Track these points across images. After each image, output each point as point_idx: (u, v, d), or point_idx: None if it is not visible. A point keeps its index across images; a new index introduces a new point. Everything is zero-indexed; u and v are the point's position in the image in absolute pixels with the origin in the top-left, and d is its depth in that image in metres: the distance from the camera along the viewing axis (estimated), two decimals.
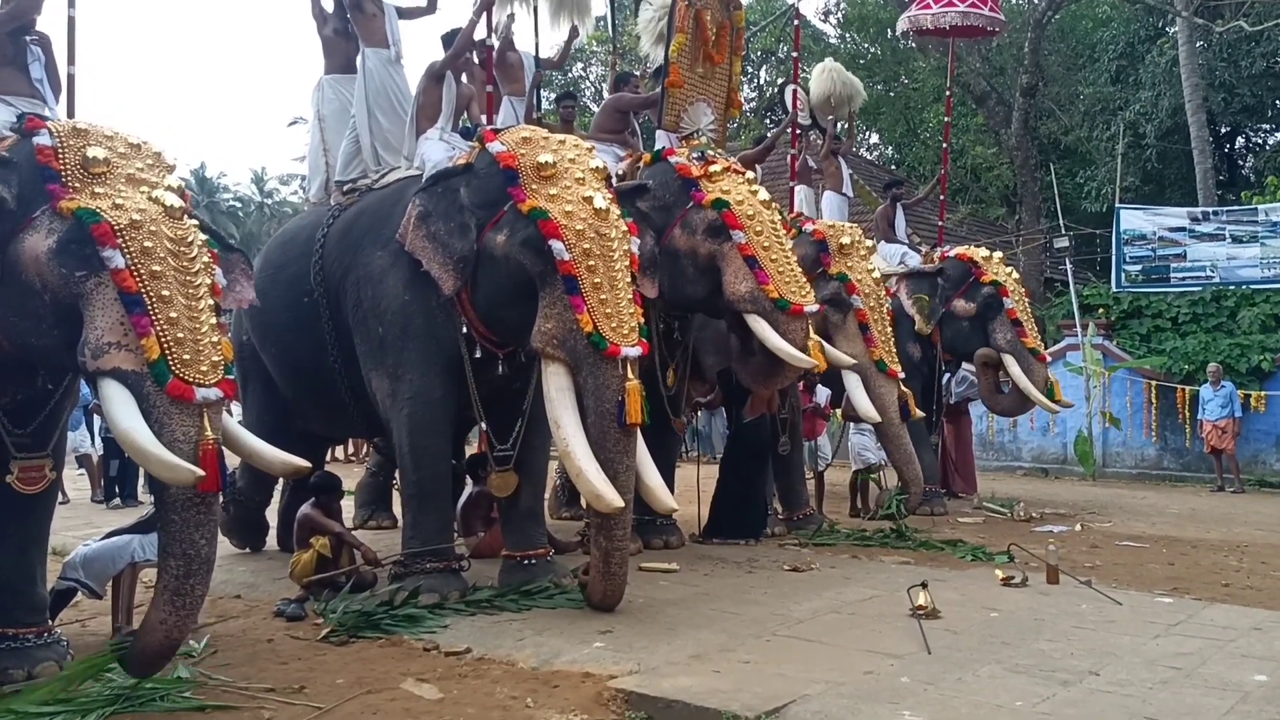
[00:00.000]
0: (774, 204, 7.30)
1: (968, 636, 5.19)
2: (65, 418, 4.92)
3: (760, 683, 4.40)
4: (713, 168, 7.10)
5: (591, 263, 5.49)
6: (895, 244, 10.91)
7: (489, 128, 6.26)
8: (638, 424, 5.43)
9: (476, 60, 7.41)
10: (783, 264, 6.94)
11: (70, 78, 5.15)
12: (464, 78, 7.09)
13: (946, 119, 12.81)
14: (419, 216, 5.86)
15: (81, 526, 7.41)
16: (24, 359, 4.47)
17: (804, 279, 7.10)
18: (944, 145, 12.62)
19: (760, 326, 6.83)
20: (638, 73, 9.89)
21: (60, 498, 5.09)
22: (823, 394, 9.84)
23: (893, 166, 23.85)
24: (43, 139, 4.29)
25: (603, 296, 5.47)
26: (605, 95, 9.64)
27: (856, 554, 7.71)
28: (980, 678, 4.51)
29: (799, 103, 10.50)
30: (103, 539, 5.57)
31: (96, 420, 10.70)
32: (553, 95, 9.57)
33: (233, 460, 4.55)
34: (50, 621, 4.97)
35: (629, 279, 5.65)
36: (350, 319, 6.39)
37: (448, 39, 7.31)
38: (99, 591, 5.47)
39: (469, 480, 7.57)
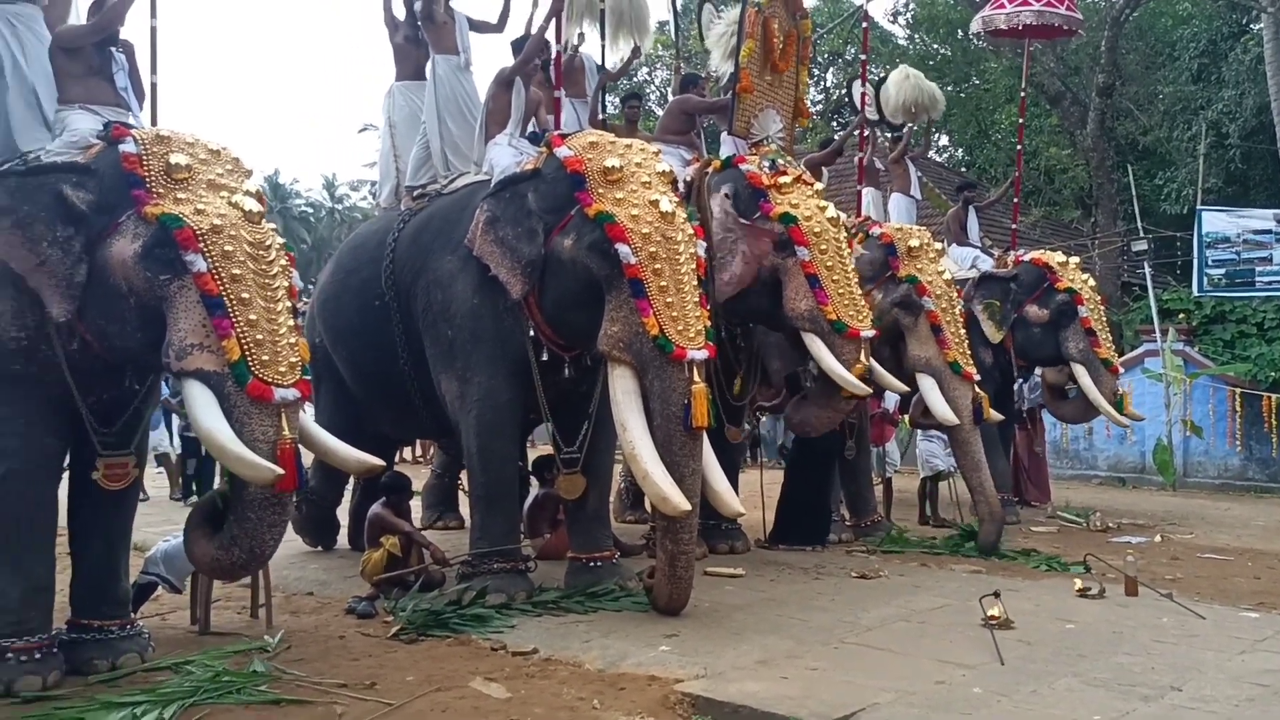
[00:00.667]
0: (841, 221, 7.25)
1: (1042, 648, 5.08)
2: (148, 417, 5.05)
3: (828, 690, 4.35)
4: (783, 178, 7.06)
5: (658, 266, 5.49)
6: (967, 247, 10.73)
7: (556, 133, 6.30)
8: (704, 427, 5.41)
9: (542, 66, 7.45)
10: (843, 285, 6.92)
11: (153, 86, 5.28)
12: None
13: (1020, 120, 12.54)
14: (487, 221, 5.92)
15: (161, 523, 7.61)
16: (111, 360, 4.61)
17: (863, 303, 7.07)
18: (1018, 147, 12.36)
19: (816, 347, 6.80)
20: (703, 75, 9.87)
21: (140, 495, 5.27)
22: (891, 399, 9.70)
23: (963, 169, 23.46)
24: (128, 146, 4.44)
25: (669, 300, 5.47)
26: (670, 98, 9.61)
27: (926, 562, 7.60)
28: (1056, 690, 4.41)
29: (867, 101, 10.37)
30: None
31: (175, 419, 10.98)
32: (617, 97, 9.57)
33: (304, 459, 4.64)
34: (133, 614, 5.12)
35: (695, 282, 5.64)
36: (420, 322, 6.47)
37: (517, 45, 7.38)
38: (179, 586, 5.63)
39: (534, 482, 7.62)
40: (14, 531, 4.56)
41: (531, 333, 6.02)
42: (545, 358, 6.08)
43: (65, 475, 4.99)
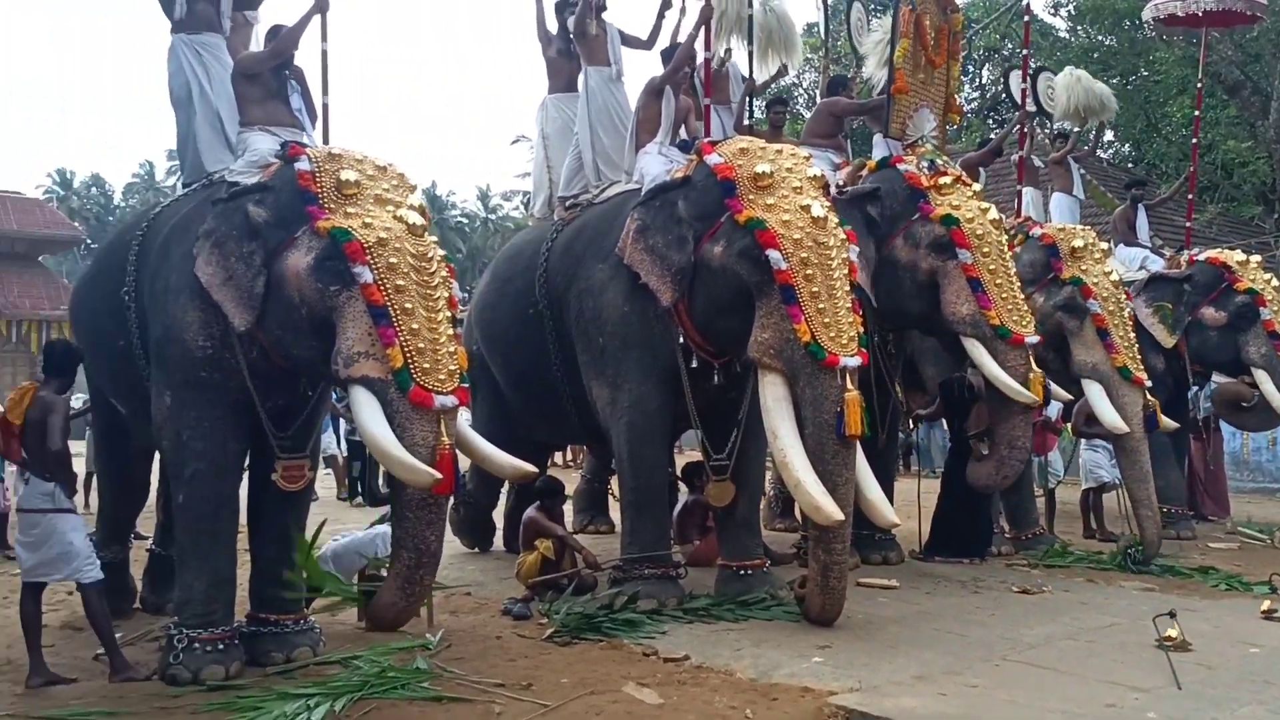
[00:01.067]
0: (1002, 223, 7.02)
1: (1224, 672, 4.78)
2: (320, 421, 5.31)
3: (991, 709, 4.21)
4: (942, 179, 6.89)
5: (809, 271, 5.44)
6: (1135, 247, 10.21)
7: (706, 140, 6.31)
8: (857, 435, 5.33)
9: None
10: (1007, 290, 6.72)
11: (325, 107, 5.55)
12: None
13: (1196, 112, 11.79)
14: (638, 230, 5.97)
15: (329, 523, 7.95)
16: (286, 367, 4.87)
17: (1027, 309, 6.84)
18: (1193, 140, 11.66)
19: (978, 352, 6.60)
20: (851, 75, 9.70)
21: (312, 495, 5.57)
22: (1054, 407, 9.30)
23: (1130, 165, 22.32)
24: (303, 164, 4.70)
25: (821, 305, 5.41)
26: (818, 101, 9.48)
27: (1092, 578, 7.26)
28: (1239, 718, 4.14)
29: (1026, 95, 9.97)
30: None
31: (341, 424, 11.52)
32: (762, 102, 9.49)
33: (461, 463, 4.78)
34: (305, 610, 5.37)
35: (848, 288, 5.57)
36: (572, 330, 6.58)
37: (666, 55, 7.43)
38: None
39: (682, 488, 7.64)
40: (201, 528, 4.88)
41: (681, 340, 6.05)
42: (695, 364, 6.10)
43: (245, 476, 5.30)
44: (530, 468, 4.95)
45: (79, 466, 6.42)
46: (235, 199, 4.77)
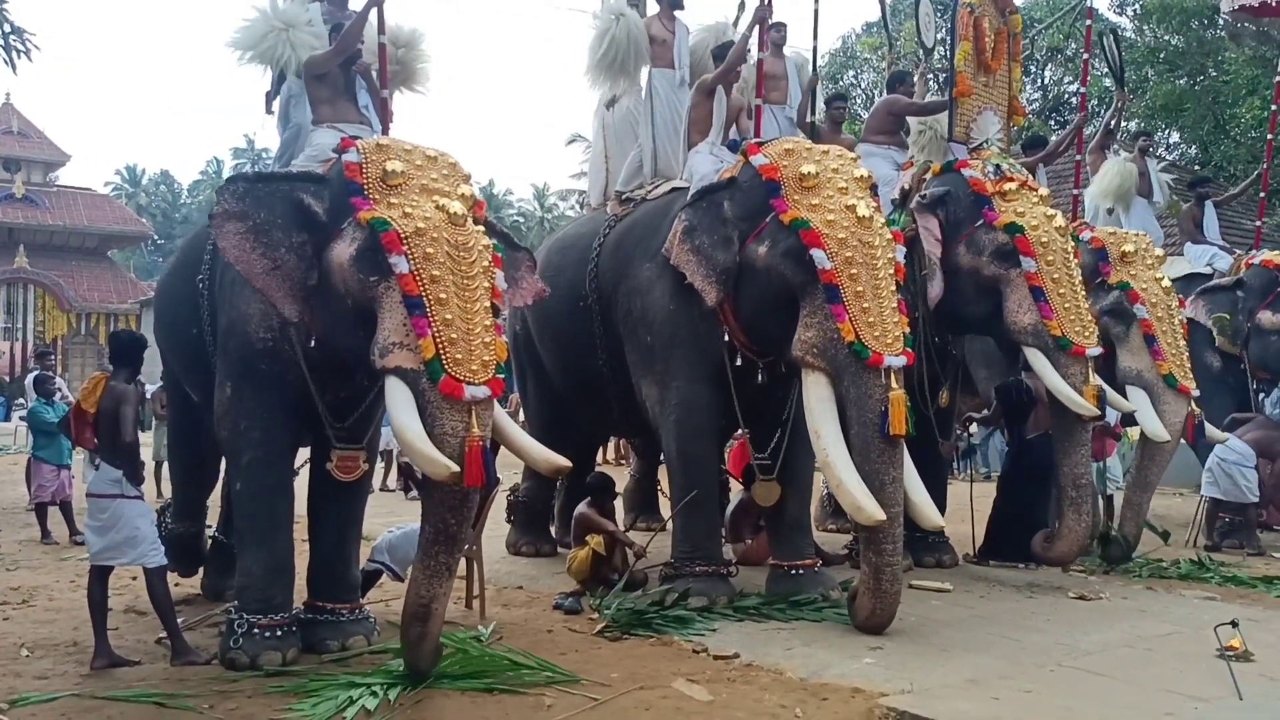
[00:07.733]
0: (1068, 230, 6.90)
1: None
2: (379, 414, 5.35)
3: (1044, 714, 4.16)
4: (1007, 185, 6.78)
5: (854, 271, 5.42)
6: (1203, 244, 9.99)
7: (753, 140, 6.31)
8: (902, 435, 5.28)
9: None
10: (1070, 299, 6.56)
11: (383, 101, 5.61)
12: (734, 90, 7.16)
13: (1275, 106, 11.37)
14: (684, 231, 5.98)
15: (385, 515, 8.08)
16: (339, 359, 4.89)
17: (1090, 320, 6.70)
18: (1268, 137, 11.29)
19: (1039, 362, 6.49)
20: (915, 74, 9.60)
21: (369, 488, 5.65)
22: (1113, 413, 9.13)
23: (1196, 167, 21.85)
24: (350, 156, 4.68)
25: (865, 305, 5.38)
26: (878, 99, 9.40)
27: (1152, 585, 7.11)
28: None
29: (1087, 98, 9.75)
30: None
31: None
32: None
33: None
34: (361, 599, 5.47)
35: (894, 287, 5.54)
36: (621, 328, 6.62)
37: (719, 54, 7.41)
38: (401, 575, 5.94)
39: (735, 486, 7.63)
40: (258, 515, 4.99)
41: (726, 338, 6.05)
42: (739, 363, 6.09)
43: (306, 468, 5.39)
44: (562, 461, 4.77)
45: (145, 456, 6.60)
46: (267, 182, 4.80)
